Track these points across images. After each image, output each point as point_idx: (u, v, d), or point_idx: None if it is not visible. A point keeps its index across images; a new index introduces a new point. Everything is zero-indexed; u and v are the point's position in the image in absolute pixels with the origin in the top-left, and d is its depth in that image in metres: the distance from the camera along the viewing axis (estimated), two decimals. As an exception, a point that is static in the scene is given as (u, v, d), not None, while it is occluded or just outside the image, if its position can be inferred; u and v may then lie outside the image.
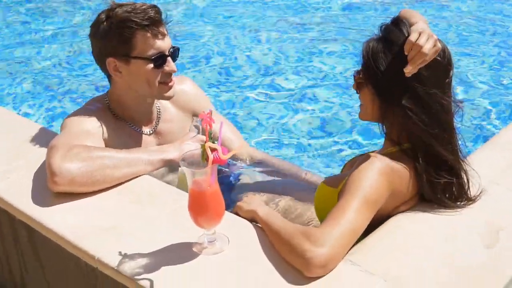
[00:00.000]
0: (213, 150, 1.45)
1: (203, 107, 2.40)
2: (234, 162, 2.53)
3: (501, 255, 1.54)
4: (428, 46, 1.56)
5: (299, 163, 3.13)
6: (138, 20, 1.95)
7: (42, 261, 1.87)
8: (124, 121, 2.16)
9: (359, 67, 1.74)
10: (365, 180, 1.56)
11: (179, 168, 2.06)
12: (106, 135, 2.06)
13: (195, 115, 2.35)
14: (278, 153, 3.32)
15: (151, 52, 1.99)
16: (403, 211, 1.70)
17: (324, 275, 1.44)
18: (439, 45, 1.60)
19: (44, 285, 1.93)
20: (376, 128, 1.79)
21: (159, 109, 2.25)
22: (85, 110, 2.14)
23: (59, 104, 3.97)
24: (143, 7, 1.97)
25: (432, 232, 1.64)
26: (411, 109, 1.62)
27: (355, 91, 1.78)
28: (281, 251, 1.52)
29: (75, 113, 2.12)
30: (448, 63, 1.67)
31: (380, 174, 1.58)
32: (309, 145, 3.43)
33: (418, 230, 1.65)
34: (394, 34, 1.66)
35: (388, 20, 1.74)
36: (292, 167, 2.55)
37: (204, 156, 1.46)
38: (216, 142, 1.47)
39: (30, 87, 4.24)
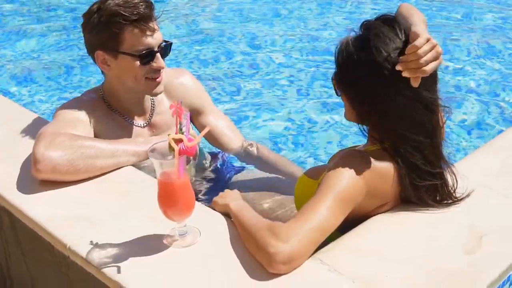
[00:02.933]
0: (179, 141, 1.43)
1: (201, 102, 2.40)
2: (231, 158, 2.51)
3: (480, 261, 1.47)
4: (430, 65, 1.45)
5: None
6: (127, 15, 1.93)
7: (22, 249, 1.89)
8: (117, 112, 2.16)
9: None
10: (341, 178, 1.51)
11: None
12: (97, 125, 2.07)
13: (192, 109, 2.33)
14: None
15: (139, 48, 1.97)
16: (385, 211, 1.65)
17: (287, 272, 1.40)
18: (441, 58, 1.48)
19: (25, 272, 1.95)
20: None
21: (153, 101, 2.24)
22: (79, 100, 2.15)
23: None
24: (135, 1, 1.95)
25: (411, 235, 1.58)
26: (388, 114, 1.56)
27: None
28: (247, 245, 1.49)
29: (69, 103, 2.14)
30: None
31: (358, 173, 1.52)
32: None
33: (396, 232, 1.59)
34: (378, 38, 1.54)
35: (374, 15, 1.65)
36: (290, 164, 2.51)
37: (171, 148, 1.44)
38: (184, 132, 1.45)
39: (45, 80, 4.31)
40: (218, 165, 2.54)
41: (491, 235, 1.56)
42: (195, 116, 2.39)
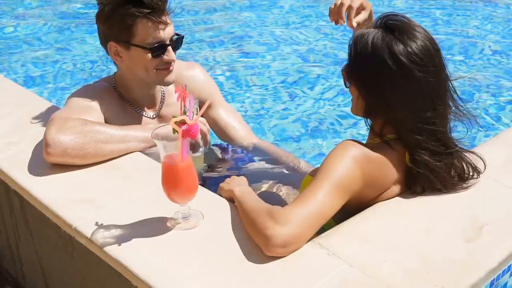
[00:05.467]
0: (182, 123, 1.46)
1: (211, 94, 2.42)
2: (238, 151, 2.53)
3: (479, 250, 1.47)
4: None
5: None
6: (141, 8, 1.95)
7: (31, 229, 1.93)
8: (128, 102, 2.19)
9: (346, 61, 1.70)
10: (339, 165, 1.52)
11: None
12: (108, 113, 2.10)
13: (201, 101, 2.35)
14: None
15: (151, 40, 2.00)
16: (386, 199, 1.66)
17: (284, 256, 1.42)
18: None
19: (33, 252, 1.99)
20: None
21: (163, 93, 2.27)
22: (91, 87, 2.19)
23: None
24: None
25: (411, 222, 1.58)
26: (396, 104, 1.58)
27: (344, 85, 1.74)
28: (247, 228, 1.51)
29: (81, 89, 2.18)
30: (434, 45, 1.61)
31: (355, 162, 1.54)
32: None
33: (396, 219, 1.60)
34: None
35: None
36: (298, 160, 2.52)
37: (174, 130, 1.47)
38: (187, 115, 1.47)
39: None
40: (227, 158, 2.56)
41: (492, 225, 1.56)
42: (205, 110, 2.40)
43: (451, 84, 1.65)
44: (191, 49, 4.72)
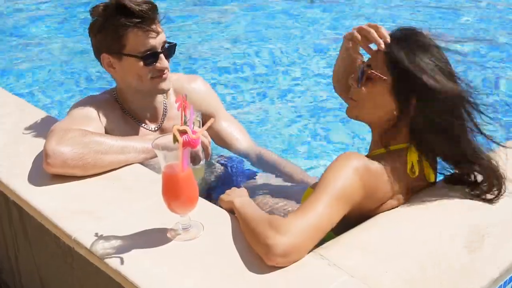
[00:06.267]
0: (183, 133, 1.45)
1: (212, 106, 2.42)
2: (239, 162, 2.53)
3: (481, 259, 1.46)
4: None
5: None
6: (131, 18, 1.96)
7: (30, 240, 1.93)
8: (129, 115, 2.19)
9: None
10: (340, 176, 1.52)
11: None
12: (109, 125, 2.10)
13: (203, 113, 2.35)
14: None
15: (142, 49, 2.01)
16: (386, 210, 1.65)
17: (285, 266, 1.41)
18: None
19: (31, 263, 1.98)
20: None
21: (165, 105, 2.27)
22: (93, 99, 2.20)
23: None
24: (139, 3, 1.98)
25: (413, 232, 1.58)
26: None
27: (357, 84, 1.72)
28: (248, 238, 1.51)
29: (83, 100, 2.18)
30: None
31: (356, 173, 1.54)
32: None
33: (397, 229, 1.59)
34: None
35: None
36: (300, 171, 2.52)
37: (175, 139, 1.46)
38: (188, 125, 1.47)
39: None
40: (228, 169, 2.56)
41: (495, 235, 1.55)
42: (207, 120, 2.41)
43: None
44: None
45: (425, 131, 1.63)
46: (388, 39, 1.66)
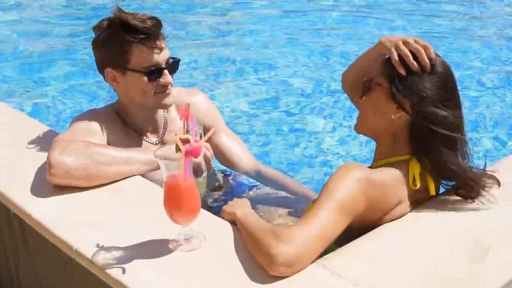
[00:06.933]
0: (186, 142, 1.45)
1: (213, 121, 2.42)
2: (240, 176, 2.52)
3: (484, 271, 1.45)
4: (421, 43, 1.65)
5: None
6: (136, 33, 1.97)
7: (30, 251, 1.91)
8: (131, 128, 2.19)
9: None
10: (342, 186, 1.52)
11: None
12: (110, 138, 2.10)
13: (204, 127, 2.36)
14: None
15: (146, 65, 2.01)
16: (389, 221, 1.64)
17: (288, 275, 1.40)
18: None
19: (31, 275, 1.97)
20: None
21: (166, 119, 2.27)
22: (94, 112, 2.20)
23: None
24: (144, 19, 1.99)
25: (416, 243, 1.57)
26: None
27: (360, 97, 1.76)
28: (251, 248, 1.50)
29: (84, 113, 2.18)
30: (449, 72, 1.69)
31: (358, 183, 1.54)
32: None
33: (401, 240, 1.58)
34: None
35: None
36: (300, 185, 2.51)
37: (178, 148, 1.46)
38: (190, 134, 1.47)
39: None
40: (229, 184, 2.55)
41: (498, 246, 1.54)
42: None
43: None
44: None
45: (424, 137, 1.64)
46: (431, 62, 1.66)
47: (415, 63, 1.63)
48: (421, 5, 6.71)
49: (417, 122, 1.64)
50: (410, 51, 1.64)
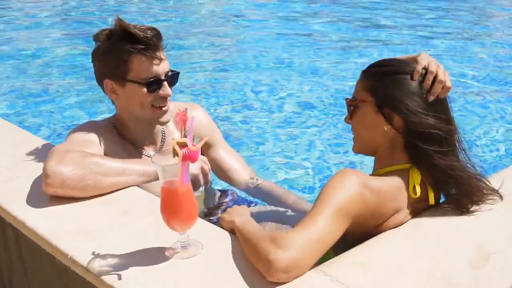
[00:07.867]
0: (183, 146, 1.44)
1: (211, 135, 2.41)
2: (240, 192, 2.50)
3: (486, 277, 1.43)
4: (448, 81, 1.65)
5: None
6: (135, 44, 1.97)
7: (24, 261, 1.89)
8: (128, 141, 2.18)
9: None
10: (338, 191, 1.51)
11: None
12: (108, 150, 2.08)
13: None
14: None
15: (146, 76, 2.01)
16: (388, 228, 1.63)
17: (287, 282, 1.37)
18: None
19: (26, 286, 1.93)
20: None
21: (164, 133, 2.26)
22: (92, 124, 2.19)
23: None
24: (144, 30, 1.99)
25: (416, 249, 1.55)
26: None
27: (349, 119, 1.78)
28: (248, 255, 1.48)
29: (82, 125, 2.17)
30: None
31: (355, 188, 1.53)
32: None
33: (401, 246, 1.57)
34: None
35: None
36: (300, 200, 2.49)
37: (175, 152, 1.45)
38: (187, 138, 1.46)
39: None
40: (228, 200, 2.53)
41: (500, 253, 1.52)
42: (206, 149, 2.41)
43: None
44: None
45: (417, 141, 1.63)
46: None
47: (429, 84, 1.65)
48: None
49: (407, 130, 1.64)
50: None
